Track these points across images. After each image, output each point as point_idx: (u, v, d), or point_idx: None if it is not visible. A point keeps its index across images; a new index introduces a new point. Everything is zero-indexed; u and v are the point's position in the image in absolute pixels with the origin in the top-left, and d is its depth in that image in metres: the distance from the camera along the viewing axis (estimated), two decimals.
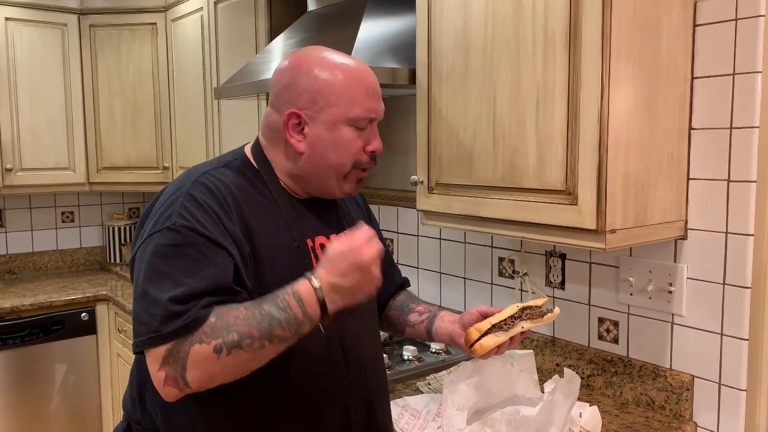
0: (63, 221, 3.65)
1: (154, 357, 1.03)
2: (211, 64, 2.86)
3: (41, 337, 2.97)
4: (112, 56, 3.31)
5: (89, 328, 3.10)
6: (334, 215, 1.32)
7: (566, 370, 1.30)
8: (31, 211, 3.56)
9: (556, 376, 1.38)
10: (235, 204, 1.14)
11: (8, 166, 3.13)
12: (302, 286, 1.05)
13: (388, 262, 1.53)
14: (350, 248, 1.06)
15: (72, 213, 3.68)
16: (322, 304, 1.04)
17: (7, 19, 3.10)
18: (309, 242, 1.23)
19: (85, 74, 3.32)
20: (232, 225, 1.11)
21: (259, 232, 1.15)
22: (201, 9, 2.91)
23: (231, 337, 1.01)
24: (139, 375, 1.24)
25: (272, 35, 2.47)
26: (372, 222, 1.49)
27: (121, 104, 3.34)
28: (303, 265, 1.17)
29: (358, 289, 1.07)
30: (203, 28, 2.91)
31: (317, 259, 1.21)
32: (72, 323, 3.05)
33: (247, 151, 1.27)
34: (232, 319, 1.02)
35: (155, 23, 3.27)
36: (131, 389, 1.27)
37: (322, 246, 1.24)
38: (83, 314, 3.07)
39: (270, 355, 1.05)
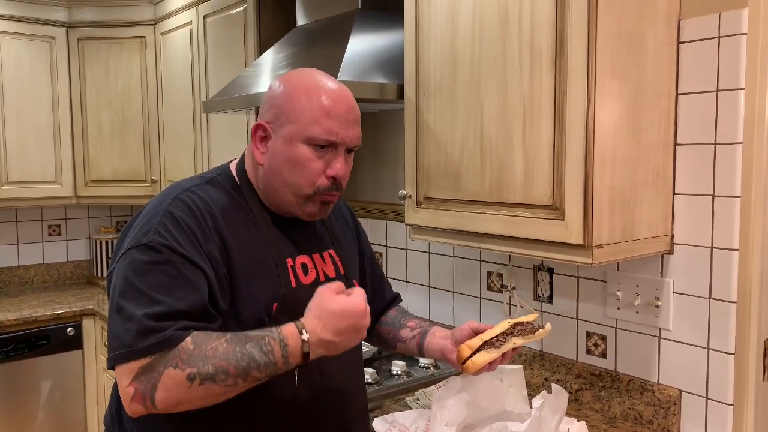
0: (50, 235, 3.62)
1: (126, 371, 1.02)
2: (200, 77, 2.86)
3: (26, 352, 2.93)
4: (101, 69, 3.30)
5: (75, 342, 3.07)
6: (319, 234, 1.32)
7: (554, 386, 1.30)
8: (17, 225, 3.52)
9: (544, 392, 1.38)
10: (214, 222, 1.14)
11: None
12: (290, 336, 1.04)
13: (378, 277, 1.53)
14: (355, 311, 1.06)
15: (59, 226, 3.65)
16: (305, 355, 1.05)
17: None
18: (289, 261, 1.22)
19: (73, 87, 3.31)
20: (208, 245, 1.11)
21: (237, 250, 1.15)
22: (190, 23, 2.91)
23: (206, 368, 1.00)
24: (118, 391, 1.22)
25: (261, 49, 2.47)
26: (361, 238, 1.48)
27: (110, 117, 3.33)
28: (280, 284, 1.17)
29: (345, 345, 1.08)
30: (192, 41, 2.91)
31: (297, 279, 1.21)
32: (57, 338, 3.02)
33: (232, 167, 1.27)
34: (211, 351, 1.01)
35: (144, 37, 3.27)
36: (111, 405, 1.26)
37: (304, 266, 1.23)
38: (69, 329, 3.04)
39: (240, 391, 1.04)
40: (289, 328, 1.05)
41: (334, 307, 1.05)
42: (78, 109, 3.32)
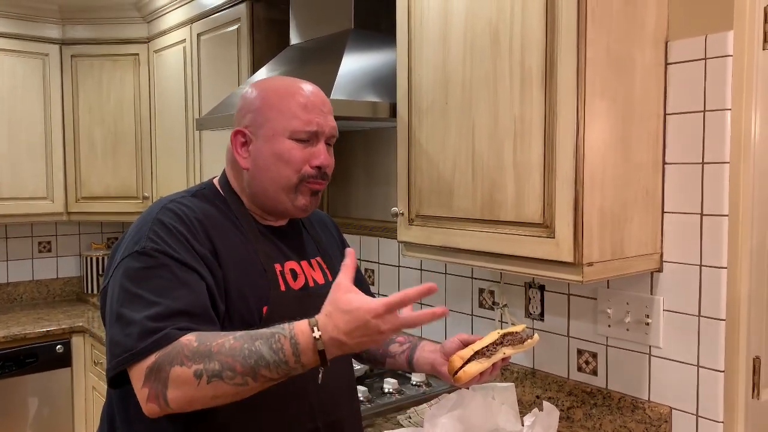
0: (39, 251, 3.60)
1: (137, 374, 1.01)
2: (194, 95, 2.87)
3: (14, 370, 2.90)
4: (94, 86, 3.31)
5: (64, 360, 3.04)
6: (306, 242, 1.34)
7: (545, 404, 1.30)
8: (6, 241, 3.50)
9: (535, 410, 1.38)
10: (203, 228, 1.16)
11: None
12: (301, 334, 0.97)
13: (366, 292, 1.53)
14: (367, 312, 0.95)
15: (49, 243, 3.63)
16: (322, 354, 0.97)
17: None
18: (278, 266, 1.23)
19: (65, 104, 3.31)
20: (201, 247, 1.12)
21: (226, 255, 1.16)
22: (184, 41, 2.93)
23: (213, 365, 0.97)
24: (110, 410, 1.22)
25: (255, 67, 2.49)
26: (344, 248, 1.49)
27: (102, 134, 3.33)
28: (270, 289, 1.18)
29: (359, 347, 0.99)
30: (186, 59, 2.92)
31: (286, 283, 1.22)
32: (46, 356, 2.99)
33: (215, 182, 1.30)
34: (216, 347, 0.98)
35: (138, 54, 3.28)
36: (102, 425, 1.25)
37: (293, 271, 1.25)
38: (58, 346, 3.01)
39: (254, 391, 1.00)
40: (301, 325, 0.98)
41: (345, 305, 0.97)
42: (70, 126, 3.32)
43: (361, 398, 1.86)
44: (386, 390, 1.96)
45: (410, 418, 1.77)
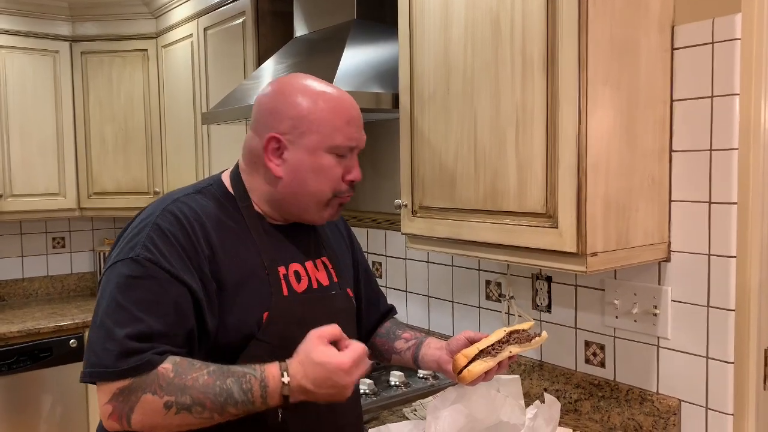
0: (54, 247, 3.64)
1: (105, 390, 1.02)
2: (201, 89, 2.88)
3: (28, 364, 2.93)
4: (104, 83, 3.33)
5: (78, 354, 3.05)
6: (312, 241, 1.31)
7: (546, 395, 1.28)
8: (21, 237, 3.54)
9: (537, 402, 1.36)
10: (203, 231, 1.13)
11: None
12: (271, 378, 1.04)
13: (373, 289, 1.52)
14: (337, 367, 1.03)
15: (63, 239, 3.67)
16: (286, 398, 1.04)
17: None
18: (281, 269, 1.21)
19: (76, 101, 3.33)
20: (197, 258, 1.11)
21: (226, 260, 1.14)
22: (191, 35, 2.93)
23: (184, 399, 1.01)
24: None
25: (260, 60, 2.48)
26: (355, 248, 1.48)
27: (113, 131, 3.35)
28: (272, 294, 1.16)
29: (325, 398, 1.06)
30: (193, 54, 2.93)
31: (289, 287, 1.20)
32: (60, 350, 3.02)
33: (225, 176, 1.27)
34: (191, 381, 1.02)
35: (146, 50, 3.29)
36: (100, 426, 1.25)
37: (296, 273, 1.23)
38: (72, 341, 3.04)
39: (214, 423, 1.04)
40: (271, 369, 1.04)
41: (317, 357, 1.04)
42: (81, 122, 3.34)
43: (367, 391, 1.85)
44: (392, 383, 1.95)
45: (415, 411, 1.76)
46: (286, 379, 1.03)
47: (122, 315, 1.04)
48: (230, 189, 1.24)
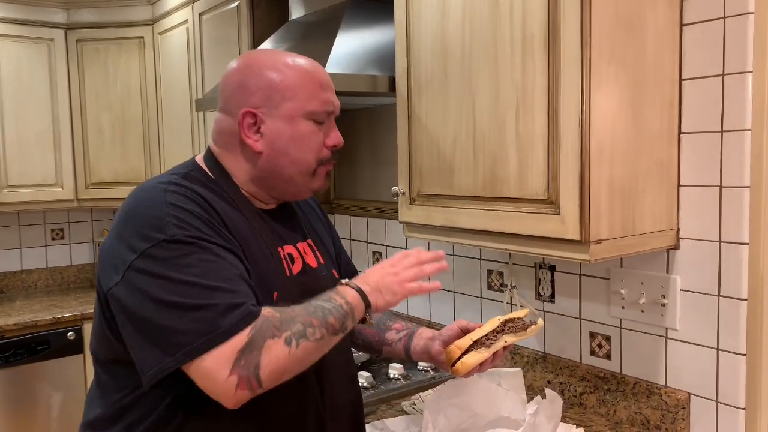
0: (53, 238, 3.60)
1: (222, 360, 0.94)
2: (197, 75, 2.82)
3: (26, 357, 2.90)
4: (100, 71, 3.27)
5: (76, 347, 3.03)
6: (298, 225, 1.27)
7: (548, 391, 1.23)
8: (20, 229, 3.51)
9: (538, 397, 1.30)
10: (213, 209, 1.08)
11: None
12: (342, 288, 1.09)
13: (352, 270, 1.46)
14: (383, 264, 1.15)
15: (62, 230, 3.63)
16: (362, 295, 1.08)
17: None
18: (281, 250, 1.18)
19: (72, 89, 3.27)
20: (222, 229, 1.07)
21: (238, 237, 1.09)
22: (186, 21, 2.87)
23: (297, 327, 1.00)
24: (92, 406, 1.17)
25: (255, 45, 2.42)
26: (332, 230, 1.43)
27: (109, 120, 3.29)
28: (278, 274, 1.13)
29: (387, 301, 1.11)
30: (189, 40, 2.86)
31: (289, 268, 1.17)
32: (58, 343, 2.98)
33: (200, 161, 1.20)
34: (291, 312, 1.02)
35: (143, 37, 3.23)
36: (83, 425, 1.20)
37: (290, 255, 1.19)
38: (69, 333, 3.00)
39: (327, 347, 1.05)
40: (340, 285, 1.10)
41: (371, 270, 1.14)
42: (78, 111, 3.29)
43: (365, 384, 1.80)
44: (392, 375, 1.90)
45: (414, 404, 1.70)
46: (354, 285, 1.09)
47: (193, 290, 0.97)
48: (211, 174, 1.17)
